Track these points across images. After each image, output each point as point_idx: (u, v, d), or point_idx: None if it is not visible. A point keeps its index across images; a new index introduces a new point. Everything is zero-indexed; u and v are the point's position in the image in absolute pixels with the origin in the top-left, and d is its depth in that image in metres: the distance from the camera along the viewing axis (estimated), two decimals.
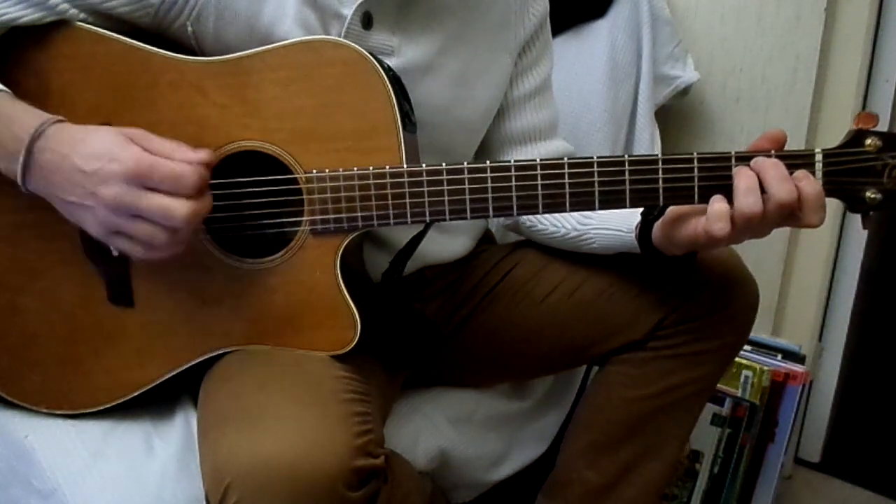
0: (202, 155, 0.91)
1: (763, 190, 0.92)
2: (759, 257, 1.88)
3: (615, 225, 1.14)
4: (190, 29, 1.01)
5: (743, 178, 0.92)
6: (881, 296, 2.04)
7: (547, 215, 1.26)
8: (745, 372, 1.68)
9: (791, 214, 0.93)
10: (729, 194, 0.94)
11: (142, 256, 0.92)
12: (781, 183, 0.91)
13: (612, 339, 1.23)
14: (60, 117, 0.93)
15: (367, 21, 1.05)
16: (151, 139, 0.91)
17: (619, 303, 1.21)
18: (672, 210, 1.04)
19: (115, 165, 0.87)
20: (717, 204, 0.94)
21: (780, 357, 1.75)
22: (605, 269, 1.23)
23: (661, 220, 1.05)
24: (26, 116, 0.92)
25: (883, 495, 1.89)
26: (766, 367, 1.69)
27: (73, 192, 0.90)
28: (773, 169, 0.92)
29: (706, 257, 1.18)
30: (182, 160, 0.90)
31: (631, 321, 1.21)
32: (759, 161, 0.93)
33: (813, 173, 0.94)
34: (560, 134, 1.34)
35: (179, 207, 0.88)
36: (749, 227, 0.93)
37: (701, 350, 1.19)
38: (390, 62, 1.03)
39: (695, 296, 1.17)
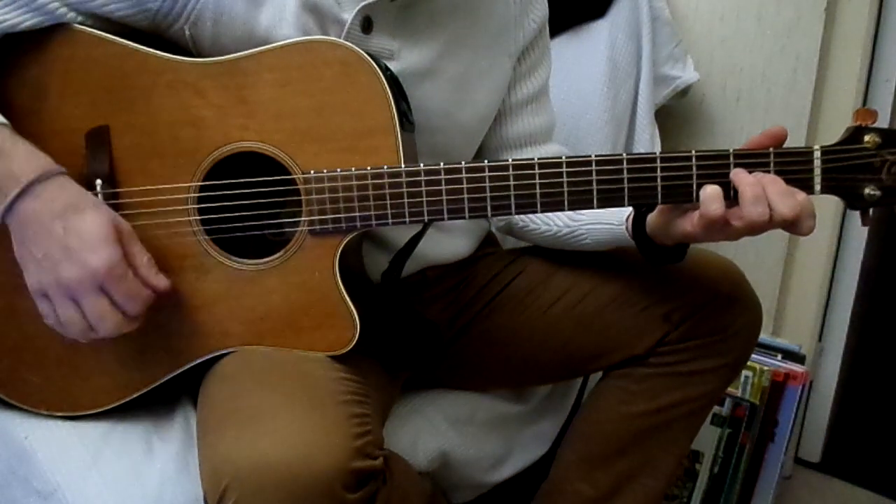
0: (163, 285, 0.96)
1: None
2: (759, 257, 1.88)
3: (606, 219, 1.14)
4: (188, 33, 1.01)
5: (750, 187, 0.92)
6: (881, 296, 2.04)
7: (538, 214, 1.26)
8: (745, 372, 1.68)
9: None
10: (726, 193, 0.94)
11: (50, 323, 0.95)
12: (784, 198, 0.91)
13: (613, 353, 1.23)
14: (64, 169, 0.94)
15: (366, 25, 1.04)
16: (134, 245, 0.94)
17: (622, 317, 1.21)
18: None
19: (91, 258, 0.90)
20: (711, 187, 0.94)
21: (780, 357, 1.75)
22: (610, 282, 1.22)
23: (656, 209, 1.05)
24: (32, 157, 0.93)
25: (883, 495, 1.89)
26: (766, 367, 1.69)
27: (38, 249, 0.92)
28: (773, 185, 0.92)
29: (711, 274, 1.18)
30: (145, 279, 0.94)
31: (633, 336, 1.20)
32: (759, 177, 0.93)
33: (812, 170, 0.94)
34: (556, 138, 1.34)
35: (112, 321, 0.93)
36: (750, 232, 0.94)
37: (702, 368, 1.19)
38: (390, 66, 1.03)
39: (698, 314, 1.17)
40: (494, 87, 1.22)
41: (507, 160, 0.97)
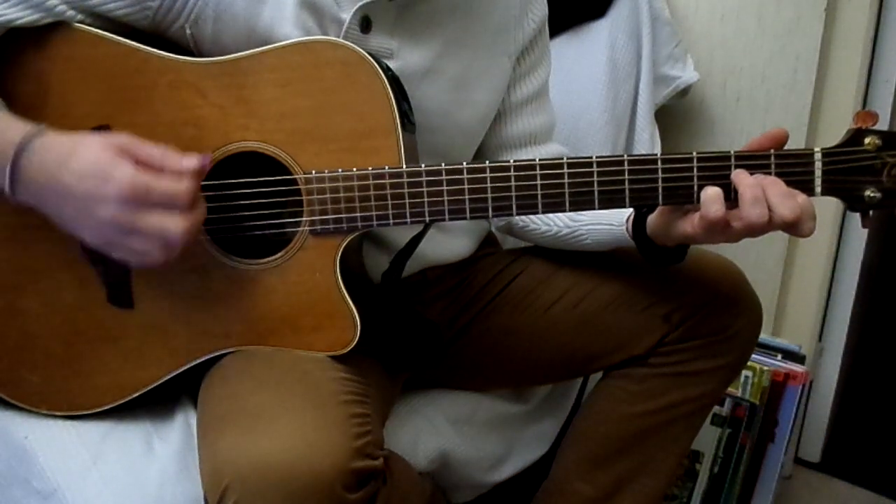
0: (193, 163, 0.89)
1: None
2: (759, 257, 1.88)
3: (606, 220, 1.14)
4: (188, 32, 1.01)
5: (749, 189, 0.92)
6: (881, 296, 2.04)
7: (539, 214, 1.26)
8: (745, 372, 1.68)
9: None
10: (727, 195, 0.94)
11: (138, 264, 0.92)
12: (784, 200, 0.91)
13: (613, 353, 1.23)
14: (43, 126, 0.91)
15: (365, 25, 1.04)
16: (141, 148, 0.89)
17: (622, 317, 1.21)
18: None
19: (110, 188, 0.86)
20: (711, 188, 0.94)
21: (780, 357, 1.75)
22: (610, 282, 1.22)
23: (657, 210, 1.05)
24: (9, 128, 0.91)
25: (883, 495, 1.89)
26: (766, 367, 1.69)
27: (66, 210, 0.90)
28: (774, 186, 0.92)
29: (712, 275, 1.18)
30: (173, 170, 0.89)
31: (633, 336, 1.20)
32: (759, 178, 0.93)
33: (812, 172, 0.94)
34: (556, 138, 1.34)
35: (176, 226, 0.88)
36: (750, 234, 0.94)
37: (702, 369, 1.19)
38: (389, 66, 1.03)
39: (698, 314, 1.17)
40: (494, 87, 1.22)
41: (508, 161, 0.97)
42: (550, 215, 1.24)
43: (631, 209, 1.09)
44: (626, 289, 1.21)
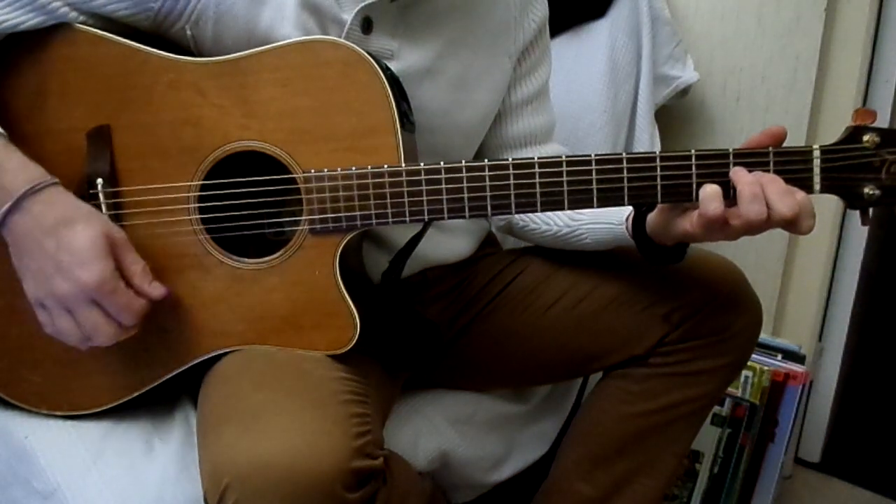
0: (157, 293, 0.96)
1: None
2: (759, 257, 1.88)
3: (606, 219, 1.14)
4: (189, 33, 1.01)
5: (748, 186, 0.92)
6: (881, 296, 2.04)
7: (540, 214, 1.26)
8: (745, 372, 1.68)
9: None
10: (726, 192, 0.94)
11: (49, 332, 0.96)
12: (783, 197, 0.91)
13: (613, 353, 1.23)
14: (56, 180, 0.94)
15: (366, 26, 1.05)
16: (127, 255, 0.94)
17: (622, 317, 1.21)
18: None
19: (82, 273, 0.90)
20: (710, 186, 0.94)
21: (780, 357, 1.74)
22: (610, 282, 1.22)
23: (656, 208, 1.05)
24: (22, 170, 0.93)
25: (883, 495, 1.89)
26: (766, 367, 1.69)
27: (33, 263, 0.93)
28: (772, 184, 0.92)
29: (712, 275, 1.18)
30: (140, 290, 0.95)
31: (633, 337, 1.20)
32: (758, 176, 0.93)
33: (811, 169, 0.94)
34: (556, 138, 1.34)
35: (107, 332, 0.93)
36: (749, 231, 0.94)
37: (702, 369, 1.19)
38: (390, 66, 1.03)
39: (698, 314, 1.17)
40: (494, 87, 1.22)
41: (507, 159, 0.97)
42: (550, 215, 1.24)
43: (631, 208, 1.09)
44: (626, 289, 1.21)
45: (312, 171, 0.98)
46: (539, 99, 1.29)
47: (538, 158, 0.97)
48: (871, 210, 0.96)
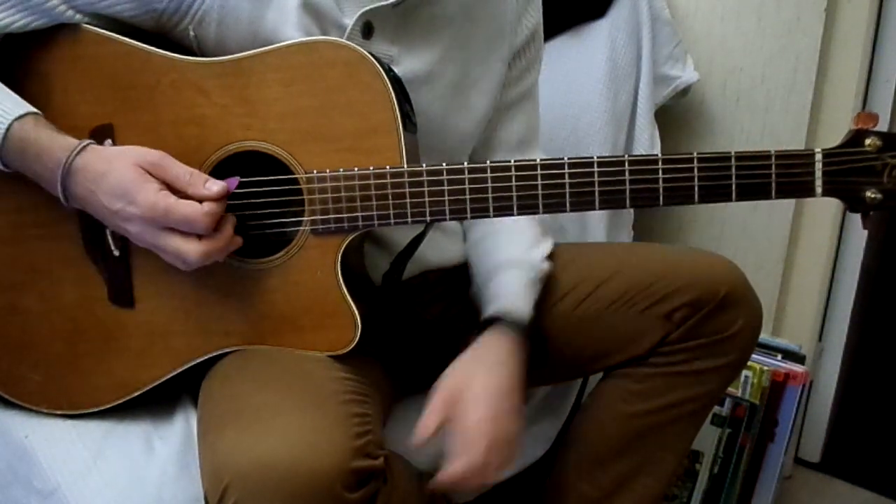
0: (217, 188, 0.94)
1: None
2: (759, 257, 1.88)
3: (482, 293, 1.19)
4: (192, 33, 1.01)
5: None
6: (881, 296, 2.04)
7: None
8: (745, 372, 1.68)
9: None
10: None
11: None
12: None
13: (614, 354, 1.22)
14: (85, 143, 0.95)
15: (367, 31, 1.05)
16: (168, 168, 0.94)
17: (623, 318, 1.20)
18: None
19: (133, 209, 0.92)
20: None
21: (780, 357, 1.75)
22: (611, 283, 1.22)
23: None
24: (53, 148, 0.95)
25: (883, 495, 1.89)
26: (766, 367, 1.69)
27: (107, 220, 0.96)
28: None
29: (712, 274, 1.18)
30: (195, 196, 0.93)
31: (634, 337, 1.20)
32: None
33: (813, 173, 0.94)
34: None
35: (190, 250, 0.93)
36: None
37: (703, 368, 1.18)
38: None
39: (699, 314, 1.17)
40: (489, 91, 1.22)
41: (510, 161, 0.98)
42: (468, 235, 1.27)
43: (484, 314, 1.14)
44: (627, 289, 1.21)
45: (315, 171, 0.98)
46: (521, 105, 1.29)
47: (541, 160, 0.97)
48: (871, 213, 0.96)
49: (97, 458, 1.01)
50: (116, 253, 1.00)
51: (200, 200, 0.93)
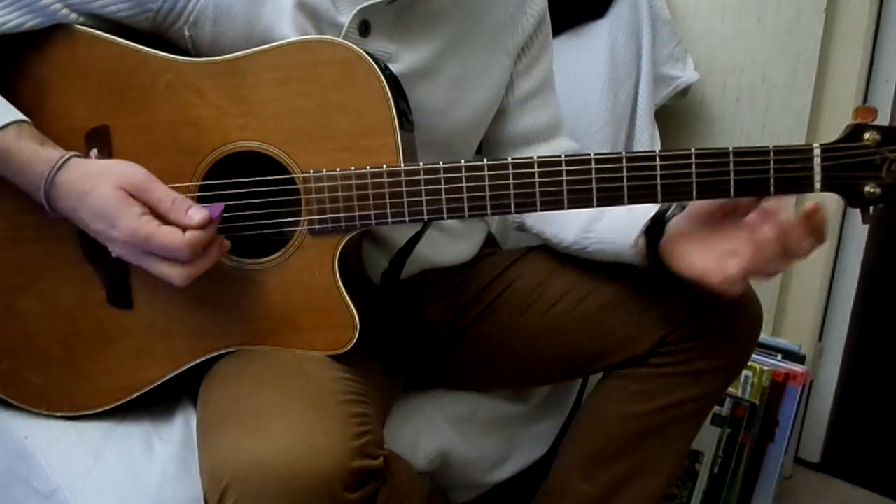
0: (197, 218, 0.90)
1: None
2: None
3: (612, 240, 1.15)
4: (187, 33, 1.01)
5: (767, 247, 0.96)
6: (881, 296, 2.04)
7: (551, 224, 1.26)
8: (745, 372, 1.68)
9: None
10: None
11: None
12: (801, 242, 0.95)
13: (614, 354, 1.22)
14: (67, 157, 0.94)
15: (364, 29, 1.05)
16: (152, 192, 0.92)
17: (623, 317, 1.20)
18: (683, 229, 1.05)
19: (114, 232, 0.90)
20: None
21: (780, 357, 1.74)
22: (611, 283, 1.22)
23: (670, 238, 1.06)
24: (35, 162, 0.93)
25: (883, 495, 1.89)
26: (766, 367, 1.69)
27: (95, 236, 0.94)
28: (796, 230, 0.94)
29: None
30: (177, 224, 0.90)
31: (634, 336, 1.20)
32: (784, 223, 0.96)
33: (811, 168, 0.94)
34: (564, 132, 1.34)
35: (174, 275, 0.91)
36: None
37: (703, 368, 1.18)
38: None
39: (700, 314, 1.17)
40: (493, 85, 1.22)
41: (507, 159, 0.97)
42: (561, 228, 1.24)
43: (640, 228, 1.10)
44: (627, 289, 1.21)
45: (311, 171, 0.98)
46: (541, 95, 1.29)
47: (537, 158, 0.96)
48: (871, 208, 0.95)
49: (97, 459, 1.01)
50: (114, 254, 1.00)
51: (184, 228, 0.90)
